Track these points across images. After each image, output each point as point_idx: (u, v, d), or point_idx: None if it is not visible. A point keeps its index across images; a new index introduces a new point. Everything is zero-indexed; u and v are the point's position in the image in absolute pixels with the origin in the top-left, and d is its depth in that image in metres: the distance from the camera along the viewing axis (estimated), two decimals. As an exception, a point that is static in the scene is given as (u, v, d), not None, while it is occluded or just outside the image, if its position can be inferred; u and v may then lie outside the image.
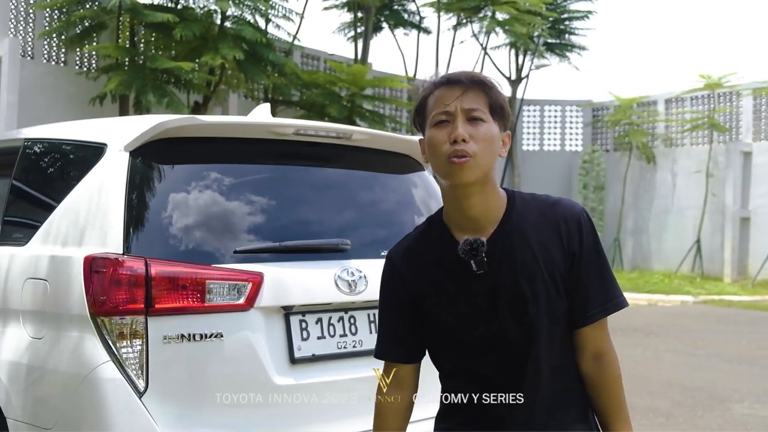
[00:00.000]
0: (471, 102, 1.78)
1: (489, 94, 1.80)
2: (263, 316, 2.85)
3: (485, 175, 1.79)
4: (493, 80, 1.83)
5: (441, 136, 1.78)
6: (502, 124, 1.83)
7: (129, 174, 2.80)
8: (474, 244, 1.79)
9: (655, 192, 22.45)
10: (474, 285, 1.83)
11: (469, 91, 1.78)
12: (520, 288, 1.80)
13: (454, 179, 1.78)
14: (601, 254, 1.88)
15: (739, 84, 21.27)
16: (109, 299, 2.60)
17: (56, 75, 14.80)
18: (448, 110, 1.78)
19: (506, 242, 1.82)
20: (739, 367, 8.47)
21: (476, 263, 1.80)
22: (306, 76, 17.19)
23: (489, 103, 1.80)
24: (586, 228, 1.85)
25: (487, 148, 1.78)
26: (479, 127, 1.77)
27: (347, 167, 3.38)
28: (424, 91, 1.85)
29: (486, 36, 21.86)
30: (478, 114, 1.78)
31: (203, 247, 2.83)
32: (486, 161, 1.78)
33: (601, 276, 1.86)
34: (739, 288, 18.52)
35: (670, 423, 6.00)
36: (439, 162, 1.79)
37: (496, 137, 1.80)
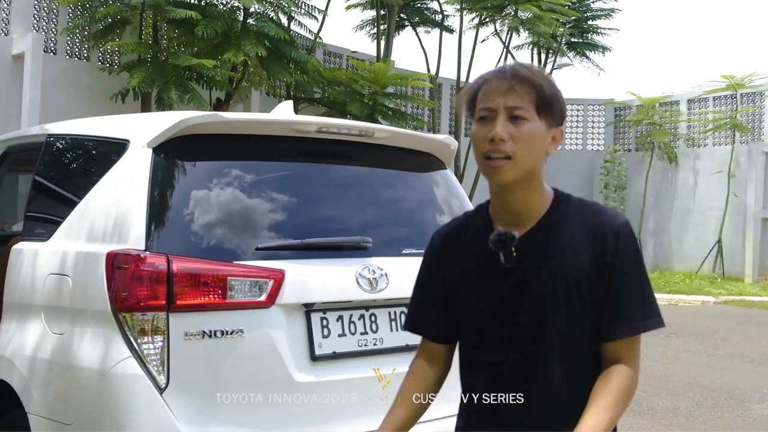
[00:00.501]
0: (515, 99, 1.73)
1: (536, 90, 1.75)
2: (284, 313, 2.84)
3: (527, 174, 1.76)
4: (543, 75, 1.78)
5: (481, 133, 1.76)
6: (551, 121, 1.78)
7: (152, 170, 2.80)
8: (503, 236, 1.76)
9: (676, 192, 22.28)
10: (501, 279, 1.80)
11: (516, 87, 1.74)
12: (543, 289, 1.76)
13: (490, 179, 1.78)
14: (639, 269, 1.79)
15: (762, 84, 21.05)
16: (130, 295, 2.61)
17: (79, 71, 14.89)
18: (491, 107, 1.75)
19: (539, 241, 1.79)
20: (760, 367, 8.39)
21: (504, 256, 1.78)
22: (328, 73, 17.18)
23: (536, 101, 1.74)
24: (623, 240, 1.77)
25: (528, 148, 1.74)
26: (521, 127, 1.73)
27: (369, 165, 3.37)
28: (475, 83, 1.82)
29: (508, 35, 21.77)
30: (521, 113, 1.73)
31: (225, 244, 2.83)
32: (526, 161, 1.74)
33: (635, 292, 1.77)
34: (760, 288, 18.34)
35: (690, 423, 5.96)
36: (478, 159, 1.78)
37: (539, 136, 1.75)
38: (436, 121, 20.59)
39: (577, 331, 1.76)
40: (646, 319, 1.78)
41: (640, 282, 1.78)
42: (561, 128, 1.82)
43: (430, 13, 21.45)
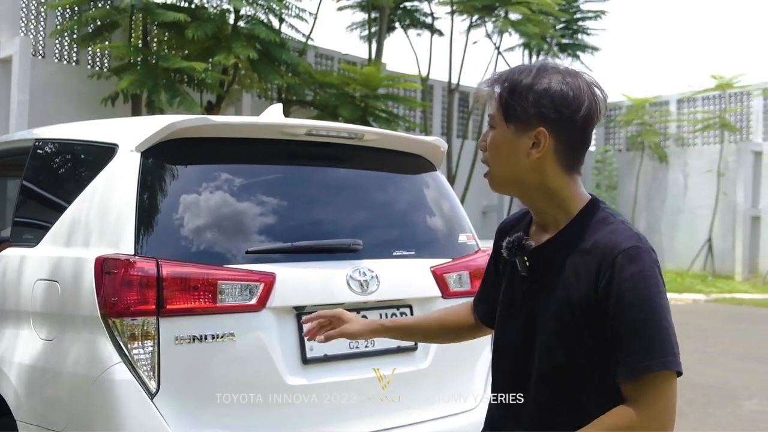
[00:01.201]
0: (489, 107, 1.71)
1: (499, 96, 1.68)
2: (275, 316, 2.84)
3: (509, 182, 1.71)
4: (509, 76, 1.68)
5: None
6: (524, 125, 1.64)
7: (140, 174, 2.79)
8: (513, 243, 1.73)
9: (667, 191, 22.37)
10: (517, 284, 1.77)
11: (486, 97, 1.71)
12: (539, 306, 1.69)
13: None
14: (641, 301, 1.55)
15: (749, 84, 21.18)
16: (120, 300, 2.59)
17: (68, 74, 14.82)
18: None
19: (550, 254, 1.69)
20: (751, 364, 8.43)
21: (519, 264, 1.74)
22: (320, 76, 17.17)
23: (501, 105, 1.67)
24: (623, 269, 1.56)
25: (495, 155, 1.71)
26: (489, 136, 1.73)
27: (359, 167, 3.37)
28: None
29: (499, 36, 21.83)
30: (492, 121, 1.71)
31: (215, 248, 2.82)
32: (497, 171, 1.72)
33: (635, 329, 1.54)
34: (750, 286, 18.45)
35: (681, 420, 5.97)
36: None
37: (504, 143, 1.67)
38: (428, 123, 20.61)
39: (565, 357, 1.63)
40: (649, 360, 1.54)
41: (642, 316, 1.55)
42: (541, 129, 1.64)
43: (420, 15, 21.47)
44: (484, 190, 22.09)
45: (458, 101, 22.09)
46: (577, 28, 23.62)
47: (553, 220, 1.71)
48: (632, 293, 1.55)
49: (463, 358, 3.29)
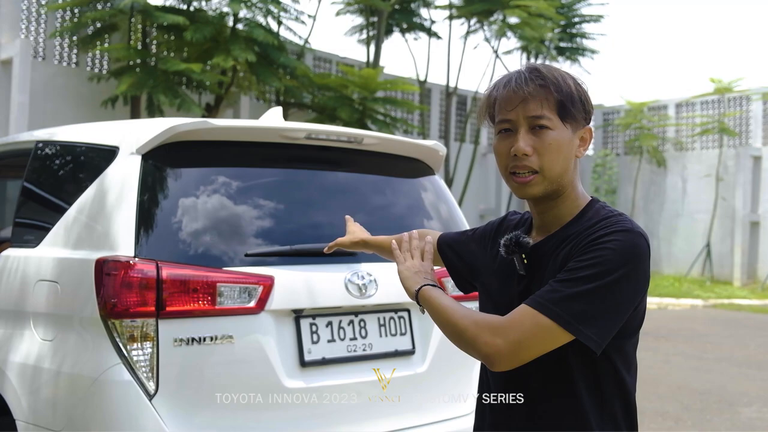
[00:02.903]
0: (534, 108, 1.62)
1: (555, 94, 1.63)
2: (274, 319, 2.85)
3: (555, 184, 1.66)
4: (561, 74, 1.66)
5: (503, 147, 1.68)
6: (576, 123, 1.67)
7: (141, 177, 2.81)
8: (511, 241, 1.70)
9: (665, 196, 22.39)
10: (511, 282, 1.76)
11: (533, 95, 1.62)
12: None
13: (517, 194, 1.71)
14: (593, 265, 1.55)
15: (748, 89, 21.20)
16: (119, 302, 2.61)
17: (67, 76, 14.84)
18: (510, 118, 1.65)
19: (547, 252, 1.69)
20: (748, 370, 8.44)
21: (517, 262, 1.72)
22: (318, 79, 17.19)
23: (557, 105, 1.63)
24: (599, 240, 1.57)
25: (554, 158, 1.63)
26: (544, 137, 1.63)
27: (358, 171, 3.39)
28: (490, 91, 1.72)
29: (497, 40, 21.86)
30: (543, 122, 1.63)
31: (214, 251, 2.84)
32: (554, 172, 1.64)
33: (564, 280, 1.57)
34: (748, 292, 18.45)
35: (679, 426, 5.99)
36: (503, 174, 1.70)
37: (565, 143, 1.65)
38: (426, 126, 20.63)
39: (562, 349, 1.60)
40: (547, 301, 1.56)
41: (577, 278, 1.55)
42: (589, 127, 1.71)
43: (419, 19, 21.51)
44: (482, 194, 22.13)
45: (456, 105, 22.12)
46: (576, 32, 23.65)
47: (560, 220, 1.72)
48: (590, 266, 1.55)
49: (461, 361, 3.29)
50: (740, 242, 20.29)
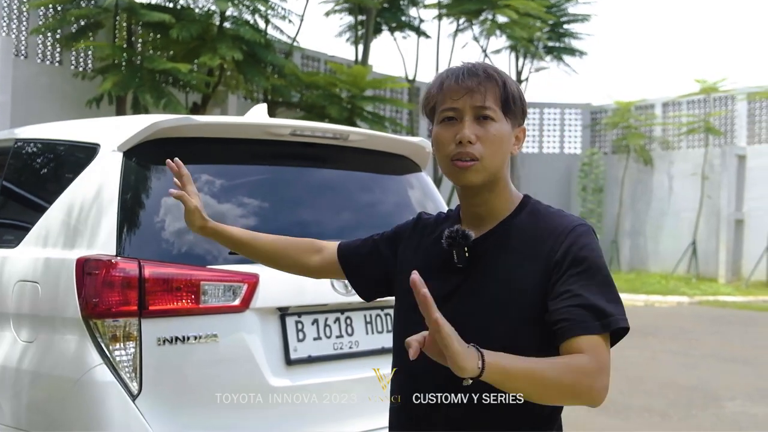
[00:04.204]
0: (480, 99, 1.66)
1: (500, 89, 1.68)
2: (259, 317, 2.82)
3: (493, 176, 1.70)
4: (504, 74, 1.72)
5: (447, 135, 1.69)
6: (515, 121, 1.73)
7: (123, 174, 2.76)
8: (454, 234, 1.70)
9: (652, 194, 22.47)
10: (449, 277, 1.72)
11: (480, 87, 1.67)
12: (484, 292, 1.68)
13: (458, 181, 1.71)
14: (593, 268, 1.63)
15: (734, 88, 21.32)
16: (101, 301, 2.57)
17: (51, 75, 14.71)
18: (456, 107, 1.68)
19: (493, 244, 1.71)
20: (733, 366, 8.48)
21: (457, 255, 1.71)
22: (306, 77, 17.15)
23: (500, 99, 1.68)
24: (576, 239, 1.65)
25: (496, 149, 1.68)
26: (488, 127, 1.67)
27: (344, 168, 3.36)
28: (436, 82, 1.74)
29: (486, 39, 21.87)
30: (488, 113, 1.67)
31: (198, 249, 2.80)
32: (494, 163, 1.68)
33: (587, 289, 1.61)
34: (733, 289, 18.54)
35: (665, 422, 6.01)
36: (444, 162, 1.71)
37: (506, 137, 1.70)
38: (415, 125, 20.62)
39: (509, 339, 1.62)
40: (601, 318, 1.59)
41: (595, 279, 1.63)
42: (524, 127, 1.77)
43: (408, 18, 21.50)
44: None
45: (444, 103, 22.09)
46: (564, 32, 23.71)
47: (496, 213, 1.75)
48: (586, 259, 1.64)
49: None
50: (725, 240, 20.40)
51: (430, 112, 1.77)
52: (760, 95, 20.46)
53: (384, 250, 1.94)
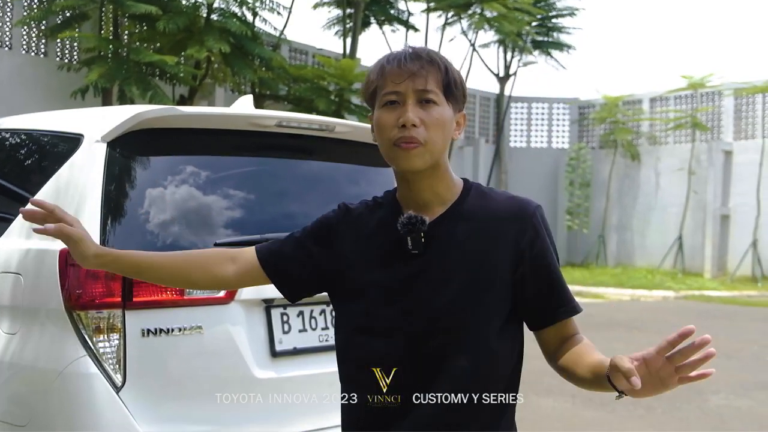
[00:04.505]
0: (423, 82, 1.65)
1: (442, 74, 1.68)
2: (244, 309, 2.81)
3: (436, 160, 1.68)
4: (446, 59, 1.71)
5: (389, 118, 1.66)
6: (456, 105, 1.72)
7: (106, 165, 2.74)
8: (413, 220, 1.68)
9: (639, 189, 22.57)
10: (405, 264, 1.70)
11: (422, 71, 1.66)
12: (446, 275, 1.68)
13: (400, 165, 1.68)
14: (554, 256, 1.75)
15: (721, 84, 21.42)
16: (85, 293, 2.55)
17: (36, 66, 14.60)
18: (398, 90, 1.66)
19: (450, 228, 1.71)
20: (717, 360, 8.36)
21: (412, 241, 1.69)
22: (294, 70, 17.10)
23: (442, 83, 1.67)
24: (539, 227, 1.72)
25: (439, 133, 1.66)
26: (431, 111, 1.66)
27: (330, 160, 3.35)
28: (377, 67, 1.72)
29: (475, 33, 21.88)
30: (431, 96, 1.66)
31: (183, 240, 2.79)
32: (437, 147, 1.67)
33: (553, 278, 1.73)
34: (718, 283, 18.67)
35: (649, 414, 6.05)
36: (386, 146, 1.68)
37: (448, 120, 1.69)
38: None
39: (478, 317, 1.67)
40: (567, 303, 1.75)
41: (557, 268, 1.75)
42: (464, 113, 1.76)
43: (396, 11, 21.47)
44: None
45: (432, 97, 22.09)
46: (552, 26, 23.74)
47: (442, 198, 1.74)
48: (549, 247, 1.74)
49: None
50: (711, 235, 20.53)
51: (370, 98, 1.74)
52: (747, 91, 20.56)
53: (312, 247, 1.83)
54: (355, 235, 1.80)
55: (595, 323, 11.38)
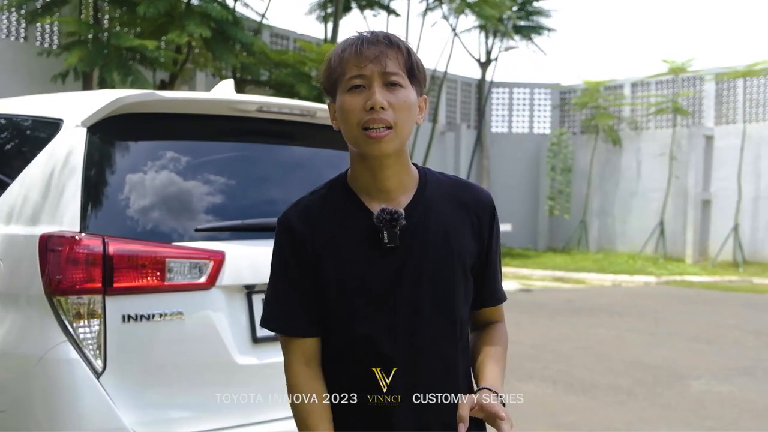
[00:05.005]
0: (388, 65, 1.63)
1: (405, 56, 1.66)
2: (225, 295, 2.81)
3: (402, 144, 1.67)
4: (406, 42, 1.71)
5: (355, 102, 1.63)
6: (419, 89, 1.70)
7: (86, 150, 2.72)
8: (394, 215, 1.66)
9: (620, 175, 22.66)
10: (382, 257, 1.69)
11: (386, 53, 1.64)
12: (427, 266, 1.69)
13: (370, 150, 1.64)
14: (499, 244, 1.86)
15: (702, 69, 21.50)
16: (65, 278, 2.54)
17: (16, 51, 14.45)
18: (364, 74, 1.63)
19: (419, 217, 1.71)
20: (698, 345, 8.62)
21: (389, 235, 1.67)
22: (275, 55, 17.02)
23: (406, 67, 1.66)
24: (495, 217, 1.81)
25: (407, 116, 1.65)
26: (398, 93, 1.64)
27: (312, 145, 3.34)
28: (334, 52, 1.69)
29: (456, 18, 21.83)
30: (396, 79, 1.64)
31: (163, 226, 2.78)
32: (405, 131, 1.66)
33: (498, 264, 1.86)
34: (699, 269, 18.81)
35: (631, 400, 6.10)
36: (353, 131, 1.64)
37: (414, 103, 1.67)
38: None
39: (458, 304, 1.74)
40: (501, 291, 1.89)
41: (499, 255, 1.87)
42: (425, 96, 1.75)
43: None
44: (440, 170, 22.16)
45: (415, 83, 22.03)
46: (532, 10, 23.73)
47: (404, 186, 1.73)
48: (499, 236, 1.84)
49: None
50: (692, 220, 20.65)
51: (331, 86, 1.70)
52: (728, 75, 20.65)
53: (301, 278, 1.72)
54: (313, 239, 1.71)
55: (577, 309, 11.47)
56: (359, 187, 1.73)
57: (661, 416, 5.71)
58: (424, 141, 20.49)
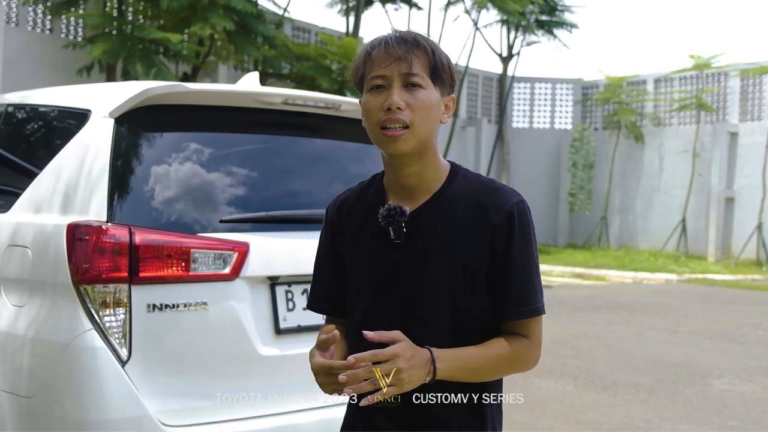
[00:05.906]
0: (409, 66, 1.66)
1: (429, 57, 1.69)
2: (249, 286, 2.83)
3: (422, 144, 1.69)
4: (433, 41, 1.73)
5: (375, 102, 1.67)
6: (444, 89, 1.72)
7: (114, 141, 2.75)
8: (393, 211, 1.70)
9: (642, 171, 22.50)
10: (389, 253, 1.73)
11: (408, 54, 1.66)
12: (427, 265, 1.70)
13: (386, 149, 1.69)
14: (530, 254, 1.72)
15: (727, 65, 21.25)
16: (92, 267, 2.57)
17: (42, 43, 14.58)
18: (384, 74, 1.67)
19: (431, 217, 1.72)
20: (720, 344, 8.55)
21: (394, 231, 1.71)
22: (297, 48, 17.05)
23: (429, 67, 1.69)
24: (518, 222, 1.70)
25: (425, 116, 1.67)
26: (417, 94, 1.67)
27: (336, 138, 3.36)
28: (364, 51, 1.72)
29: (478, 12, 21.74)
30: (417, 80, 1.67)
31: (189, 217, 2.80)
32: (423, 131, 1.67)
33: (523, 275, 1.71)
34: (722, 267, 18.64)
35: (651, 398, 6.06)
36: (372, 130, 1.69)
37: (435, 104, 1.69)
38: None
39: (443, 312, 1.70)
40: (531, 305, 1.72)
41: (530, 266, 1.72)
42: (453, 96, 1.76)
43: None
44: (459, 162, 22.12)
45: (437, 77, 21.97)
46: (555, 5, 23.58)
47: (427, 185, 1.74)
48: (526, 244, 1.71)
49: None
50: (715, 218, 20.46)
51: (359, 82, 1.74)
52: (753, 72, 20.39)
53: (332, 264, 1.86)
54: (344, 229, 1.83)
55: (597, 306, 11.42)
56: (388, 183, 1.79)
57: (682, 415, 5.67)
58: (445, 135, 20.47)
